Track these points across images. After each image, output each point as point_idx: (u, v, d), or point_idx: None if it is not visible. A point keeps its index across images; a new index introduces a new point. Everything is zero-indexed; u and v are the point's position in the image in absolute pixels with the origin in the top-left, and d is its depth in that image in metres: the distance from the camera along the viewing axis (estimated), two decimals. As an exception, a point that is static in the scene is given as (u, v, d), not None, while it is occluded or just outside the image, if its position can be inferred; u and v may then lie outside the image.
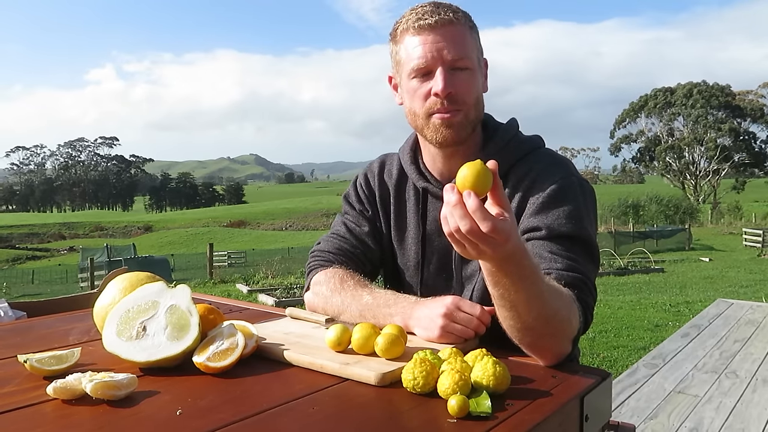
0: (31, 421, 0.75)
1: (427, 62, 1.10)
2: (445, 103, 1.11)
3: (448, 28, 1.10)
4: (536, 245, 1.07)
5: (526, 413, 0.78)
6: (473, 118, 1.15)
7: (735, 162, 49.25)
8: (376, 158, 1.42)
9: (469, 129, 1.16)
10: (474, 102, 1.14)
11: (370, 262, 1.33)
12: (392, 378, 0.88)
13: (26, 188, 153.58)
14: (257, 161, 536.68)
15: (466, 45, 1.11)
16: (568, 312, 0.95)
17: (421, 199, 1.26)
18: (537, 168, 1.16)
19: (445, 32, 1.09)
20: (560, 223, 1.08)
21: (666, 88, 52.49)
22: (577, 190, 1.14)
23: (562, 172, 1.15)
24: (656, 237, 21.87)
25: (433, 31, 1.09)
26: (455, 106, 1.12)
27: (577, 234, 1.08)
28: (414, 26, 1.11)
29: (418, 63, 1.11)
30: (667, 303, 7.99)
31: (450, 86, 1.09)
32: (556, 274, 1.01)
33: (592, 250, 1.10)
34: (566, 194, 1.12)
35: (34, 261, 37.68)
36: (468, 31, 1.13)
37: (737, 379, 3.66)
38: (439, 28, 1.09)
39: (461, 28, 1.11)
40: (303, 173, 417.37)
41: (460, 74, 1.11)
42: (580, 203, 1.12)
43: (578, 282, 1.01)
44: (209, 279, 13.39)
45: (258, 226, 56.61)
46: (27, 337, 1.21)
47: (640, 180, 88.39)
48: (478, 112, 1.16)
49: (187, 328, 0.94)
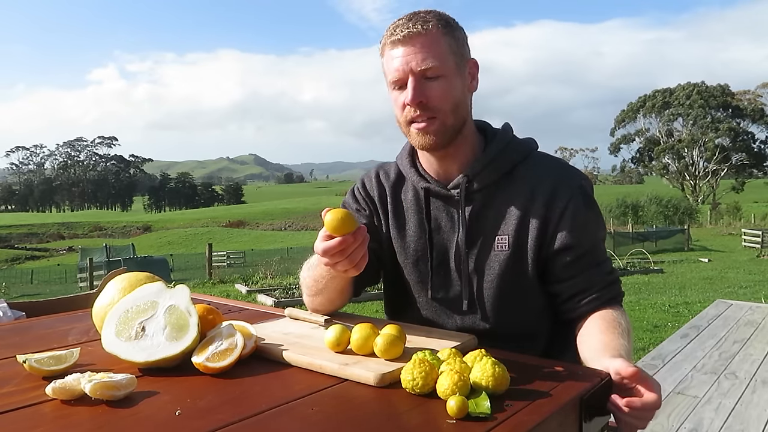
0: (30, 421, 0.75)
1: (400, 75, 1.15)
2: (418, 111, 1.16)
3: (417, 39, 1.14)
4: (582, 261, 1.21)
5: (525, 414, 0.78)
6: (452, 123, 1.18)
7: (734, 162, 49.28)
8: (372, 168, 1.45)
9: (448, 134, 1.19)
10: (451, 107, 1.17)
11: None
12: (391, 378, 0.88)
13: (25, 188, 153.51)
14: (256, 161, 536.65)
15: (437, 53, 1.15)
16: (629, 325, 1.18)
17: (424, 199, 1.29)
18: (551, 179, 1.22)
19: (414, 43, 1.14)
20: (589, 239, 1.22)
21: (665, 88, 52.52)
22: (590, 195, 1.25)
23: (575, 180, 1.24)
24: (655, 238, 21.87)
25: (404, 43, 1.15)
26: (429, 113, 1.16)
27: (598, 242, 1.25)
28: (389, 41, 1.17)
29: (393, 75, 1.17)
30: (666, 304, 7.99)
31: (420, 96, 1.14)
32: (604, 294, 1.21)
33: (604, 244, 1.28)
34: (587, 206, 1.23)
35: (33, 261, 37.64)
36: (441, 38, 1.16)
37: (737, 379, 3.66)
38: (408, 40, 1.14)
39: (432, 37, 1.15)
40: (302, 173, 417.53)
41: (432, 83, 1.15)
42: (595, 206, 1.25)
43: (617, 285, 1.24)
44: (208, 279, 13.37)
45: (257, 226, 56.60)
46: (26, 337, 1.21)
47: (639, 180, 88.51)
48: (458, 116, 1.19)
49: (186, 328, 0.94)
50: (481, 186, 1.22)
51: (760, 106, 51.23)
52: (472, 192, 1.23)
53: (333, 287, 1.23)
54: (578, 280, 1.21)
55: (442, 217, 1.27)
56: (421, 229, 1.29)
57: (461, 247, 1.24)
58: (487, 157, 1.22)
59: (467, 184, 1.22)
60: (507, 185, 1.22)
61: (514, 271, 1.21)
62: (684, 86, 51.26)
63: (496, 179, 1.22)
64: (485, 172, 1.22)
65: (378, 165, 1.44)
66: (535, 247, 1.20)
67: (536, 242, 1.20)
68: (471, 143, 1.25)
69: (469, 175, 1.22)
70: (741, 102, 51.05)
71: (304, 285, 1.29)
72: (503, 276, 1.21)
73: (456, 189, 1.23)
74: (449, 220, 1.26)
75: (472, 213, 1.23)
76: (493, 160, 1.22)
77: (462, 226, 1.23)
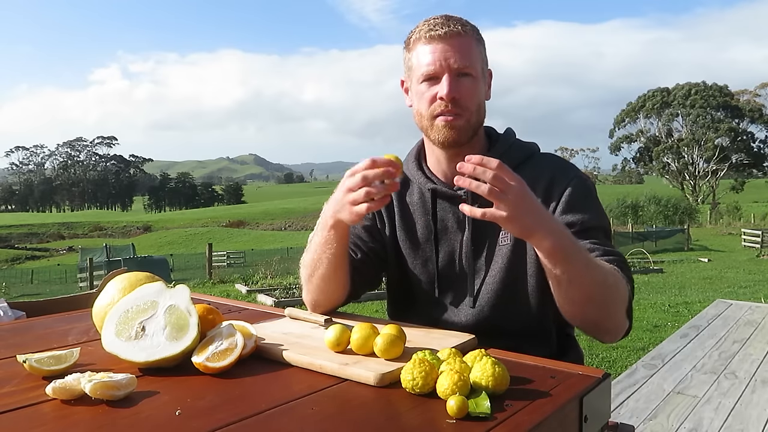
0: (30, 421, 0.75)
1: (435, 69, 1.19)
2: (449, 106, 1.19)
3: (456, 39, 1.19)
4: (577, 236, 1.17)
5: (525, 414, 0.78)
6: (474, 123, 1.23)
7: (734, 162, 49.27)
8: None
9: (470, 132, 1.24)
10: (476, 108, 1.22)
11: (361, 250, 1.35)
12: (391, 378, 0.88)
13: (25, 188, 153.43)
14: (256, 161, 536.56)
15: (471, 55, 1.20)
16: (615, 279, 1.08)
17: (430, 200, 1.30)
18: (550, 169, 1.26)
19: (453, 43, 1.19)
20: (591, 217, 1.20)
21: (664, 88, 52.52)
22: (590, 185, 1.26)
23: (573, 171, 1.26)
24: (655, 237, 21.87)
25: (442, 40, 1.19)
26: (458, 109, 1.20)
27: (603, 225, 1.22)
28: (426, 36, 1.20)
29: (427, 69, 1.20)
30: (666, 303, 7.98)
31: (454, 91, 1.18)
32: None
33: (611, 237, 1.25)
34: (585, 190, 1.23)
35: (33, 261, 37.62)
36: (474, 43, 1.22)
37: (736, 379, 3.66)
38: (448, 38, 1.19)
39: (469, 40, 1.21)
40: (302, 173, 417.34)
41: (465, 81, 1.20)
42: (596, 197, 1.26)
43: (618, 262, 1.14)
44: (208, 279, 13.37)
45: (257, 226, 56.56)
46: (26, 337, 1.21)
47: (639, 180, 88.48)
48: (479, 118, 1.25)
49: (186, 328, 0.94)
50: None
51: (759, 106, 51.21)
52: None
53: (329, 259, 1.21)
54: None
55: (449, 217, 1.29)
56: (428, 230, 1.31)
57: (468, 247, 1.26)
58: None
59: None
60: None
61: (517, 262, 1.23)
62: (683, 86, 51.26)
63: None
64: None
65: None
66: None
67: None
68: (480, 146, 1.30)
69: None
70: (740, 102, 51.03)
71: (304, 266, 1.29)
72: (507, 268, 1.23)
73: (462, 189, 1.24)
74: (455, 221, 1.28)
75: None
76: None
77: (468, 226, 1.26)
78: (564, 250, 1.00)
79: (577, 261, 1.02)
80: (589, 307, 1.07)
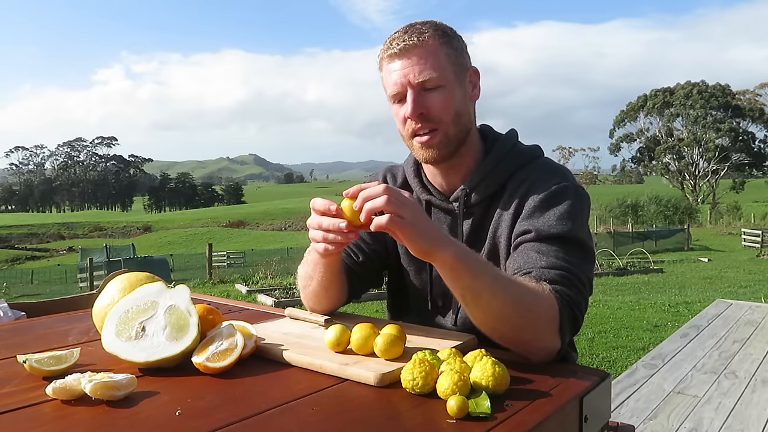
0: (30, 421, 0.75)
1: (398, 88, 1.14)
2: (419, 123, 1.15)
3: (414, 51, 1.12)
4: (526, 247, 1.09)
5: (525, 414, 0.78)
6: (455, 134, 1.17)
7: (734, 162, 49.25)
8: (381, 169, 1.45)
9: (452, 145, 1.18)
10: (453, 118, 1.16)
11: (363, 252, 1.34)
12: (391, 378, 0.88)
13: (25, 188, 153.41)
14: (256, 161, 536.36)
15: (436, 63, 1.13)
16: (536, 297, 0.97)
17: (425, 211, 1.28)
18: (533, 176, 1.18)
19: (411, 56, 1.12)
20: (549, 224, 1.09)
21: (665, 88, 52.48)
22: (570, 194, 1.14)
23: (557, 178, 1.17)
24: (655, 237, 21.88)
25: (400, 56, 1.13)
26: (431, 125, 1.15)
27: (566, 233, 1.08)
28: (387, 55, 1.15)
29: (392, 90, 1.16)
30: (666, 303, 7.98)
31: (420, 107, 1.13)
32: (537, 272, 1.02)
33: (583, 248, 1.10)
34: (558, 198, 1.13)
35: (33, 261, 37.62)
36: (439, 49, 1.14)
37: (736, 379, 3.66)
38: (406, 52, 1.13)
39: (430, 48, 1.13)
40: (302, 173, 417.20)
41: (432, 93, 1.13)
42: (572, 206, 1.13)
43: (560, 278, 1.02)
44: (208, 279, 13.37)
45: (257, 226, 56.58)
46: (26, 337, 1.21)
47: (639, 180, 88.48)
48: (459, 127, 1.17)
49: (186, 328, 0.94)
50: (480, 198, 1.22)
51: (759, 105, 51.19)
52: (471, 205, 1.23)
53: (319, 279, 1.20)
54: (516, 257, 1.10)
55: (444, 229, 1.25)
56: None
57: None
58: (484, 169, 1.21)
59: (466, 198, 1.22)
60: (504, 194, 1.20)
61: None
62: (684, 86, 51.23)
63: (494, 190, 1.21)
64: (483, 184, 1.21)
65: (386, 167, 1.44)
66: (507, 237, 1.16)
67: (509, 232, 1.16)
68: (474, 153, 1.24)
69: (467, 188, 1.22)
70: (740, 102, 51.02)
71: (299, 278, 1.29)
72: None
73: (457, 202, 1.23)
74: (450, 233, 1.24)
75: (472, 225, 1.23)
76: (491, 172, 1.21)
77: (461, 239, 1.22)
78: (463, 267, 0.93)
79: (481, 278, 0.94)
80: (502, 326, 0.98)
